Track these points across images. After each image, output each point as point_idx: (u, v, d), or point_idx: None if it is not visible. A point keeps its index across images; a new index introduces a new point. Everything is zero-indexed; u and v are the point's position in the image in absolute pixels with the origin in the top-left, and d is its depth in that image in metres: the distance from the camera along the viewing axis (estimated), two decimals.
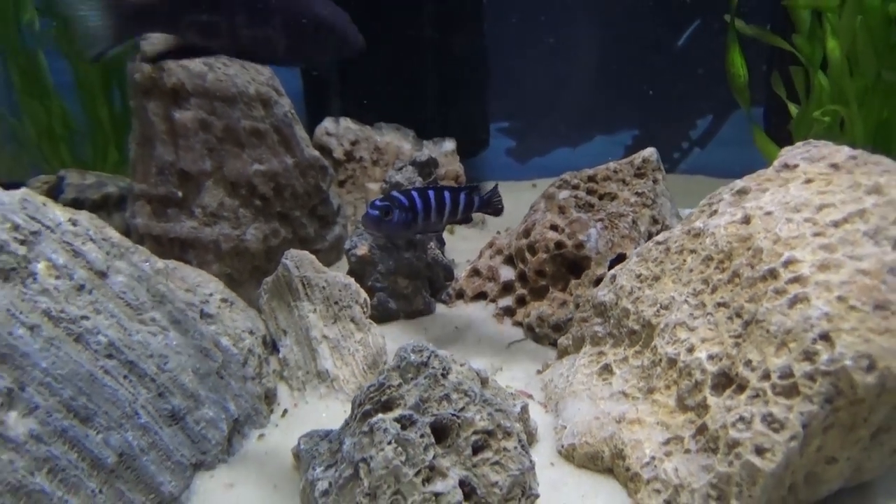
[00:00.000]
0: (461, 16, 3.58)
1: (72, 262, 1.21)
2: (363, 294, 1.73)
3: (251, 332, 1.58)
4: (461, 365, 1.23)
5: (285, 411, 1.55)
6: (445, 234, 2.60)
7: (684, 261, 1.46)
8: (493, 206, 1.78)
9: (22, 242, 1.15)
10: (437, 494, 1.09)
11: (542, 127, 4.61)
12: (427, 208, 1.57)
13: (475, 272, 2.20)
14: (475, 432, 1.13)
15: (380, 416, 1.14)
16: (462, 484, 1.11)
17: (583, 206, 2.07)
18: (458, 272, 2.27)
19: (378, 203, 1.52)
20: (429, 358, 1.18)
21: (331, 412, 1.53)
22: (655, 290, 1.49)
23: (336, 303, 1.68)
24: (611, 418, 1.38)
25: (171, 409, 1.26)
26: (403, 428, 1.12)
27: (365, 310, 1.71)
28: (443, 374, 1.18)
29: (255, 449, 1.41)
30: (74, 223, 1.27)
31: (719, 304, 1.32)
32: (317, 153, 2.31)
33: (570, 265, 1.99)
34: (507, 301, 2.07)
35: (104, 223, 1.36)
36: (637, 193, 2.10)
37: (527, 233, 2.10)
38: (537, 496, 1.14)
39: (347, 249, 2.06)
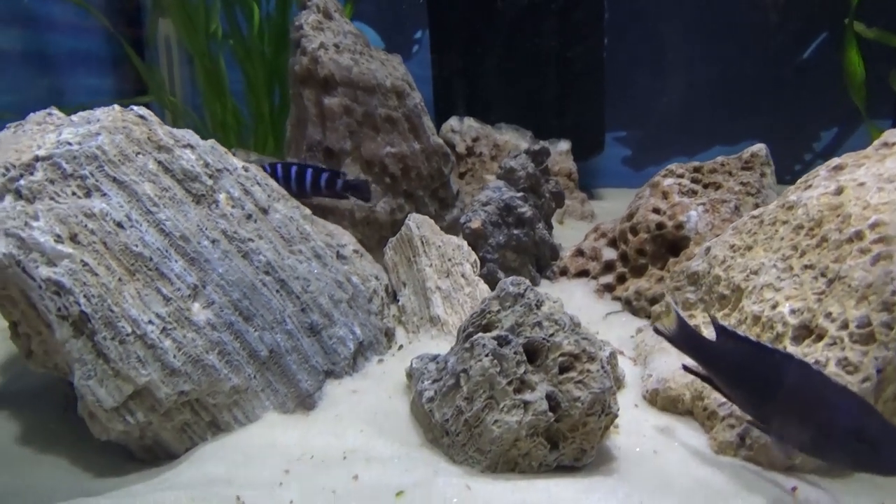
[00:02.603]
0: (583, 29, 3.76)
1: (244, 197, 1.52)
2: (473, 255, 1.94)
3: (376, 278, 1.83)
4: (554, 302, 1.40)
5: (401, 346, 1.78)
6: (555, 224, 2.77)
7: (776, 231, 1.55)
8: (360, 192, 2.13)
9: (210, 176, 1.47)
10: (525, 402, 1.26)
11: (659, 137, 4.65)
12: (287, 178, 2.01)
13: (579, 252, 2.35)
14: (562, 354, 1.30)
15: (479, 334, 1.34)
16: (548, 397, 1.27)
17: (686, 193, 2.16)
18: (563, 255, 2.43)
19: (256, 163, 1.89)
20: (525, 290, 1.36)
21: (439, 349, 1.73)
22: (747, 258, 1.58)
23: (449, 260, 1.90)
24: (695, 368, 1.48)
25: (311, 323, 1.53)
26: (499, 345, 1.30)
27: (474, 268, 1.91)
28: (536, 305, 1.35)
29: (374, 369, 1.65)
30: (246, 169, 1.59)
31: (806, 267, 1.40)
32: (441, 141, 2.57)
33: (670, 245, 2.09)
34: (608, 278, 2.20)
35: (267, 175, 1.67)
36: (742, 183, 2.17)
37: (630, 216, 2.22)
38: (616, 415, 1.28)
39: (462, 223, 2.28)
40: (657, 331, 1.41)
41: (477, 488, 1.20)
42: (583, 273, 2.28)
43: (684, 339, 1.34)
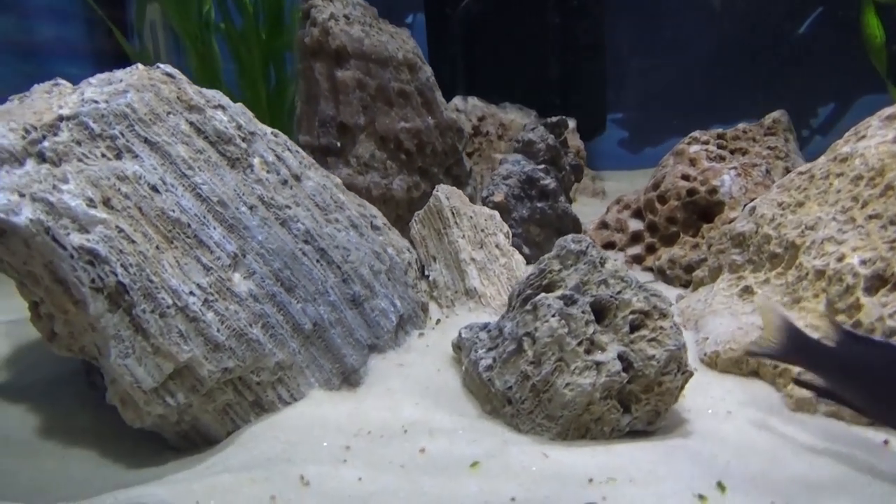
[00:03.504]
0: (583, 7, 3.71)
1: (277, 163, 1.43)
2: (506, 226, 1.87)
3: (409, 250, 1.75)
4: (615, 261, 1.33)
5: (438, 321, 1.70)
6: None
7: (831, 184, 1.50)
8: None
9: (243, 139, 1.37)
10: (598, 363, 1.19)
11: (656, 118, 4.63)
12: None
13: (603, 225, 2.29)
14: (632, 312, 1.23)
15: (542, 294, 1.26)
16: (620, 357, 1.20)
17: (714, 159, 2.12)
18: (586, 228, 2.37)
19: None
20: (587, 247, 1.30)
21: (479, 322, 1.66)
22: (799, 214, 1.53)
23: (482, 230, 1.82)
24: (755, 326, 1.43)
25: (353, 295, 1.44)
26: (566, 305, 1.23)
27: (508, 238, 1.84)
28: (600, 262, 1.29)
29: (416, 343, 1.57)
30: (276, 135, 1.49)
31: (871, 217, 1.35)
32: (454, 116, 2.49)
33: (702, 212, 2.04)
34: (636, 250, 2.15)
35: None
36: (770, 147, 2.13)
37: (656, 186, 2.17)
38: (692, 373, 1.22)
39: (485, 197, 2.21)
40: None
41: (554, 455, 1.13)
42: (609, 245, 2.23)
43: (798, 349, 1.12)
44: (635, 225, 2.20)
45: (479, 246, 1.80)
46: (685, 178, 2.06)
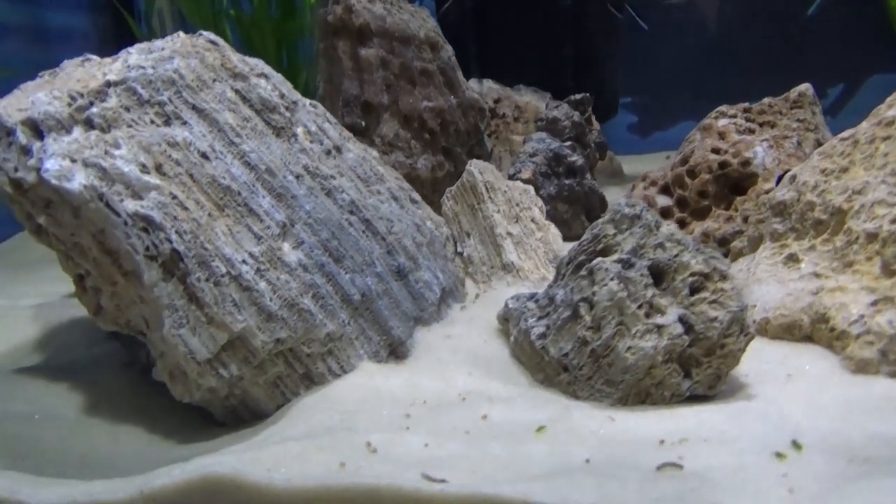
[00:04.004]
0: None
1: (320, 133, 1.40)
2: (539, 200, 1.85)
3: (445, 225, 1.72)
4: (668, 225, 1.32)
5: (477, 295, 1.68)
6: None
7: (877, 148, 1.48)
8: None
9: (286, 108, 1.34)
10: (659, 326, 1.17)
11: (665, 102, 4.61)
12: None
13: None
14: (691, 274, 1.21)
15: (599, 259, 1.25)
16: (680, 321, 1.19)
17: (743, 132, 2.10)
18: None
19: None
20: (641, 211, 1.28)
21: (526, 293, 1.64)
22: (844, 179, 1.52)
23: (517, 204, 1.80)
24: (806, 292, 1.42)
25: (398, 266, 1.42)
26: (624, 268, 1.21)
27: (542, 212, 1.82)
28: (655, 226, 1.27)
29: (459, 316, 1.55)
30: (315, 106, 1.46)
31: None
32: (476, 95, 2.47)
33: (733, 185, 2.02)
34: None
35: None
36: (799, 120, 2.11)
37: (684, 161, 2.15)
38: (753, 336, 1.20)
39: (511, 175, 2.19)
40: None
41: (620, 418, 1.11)
42: None
43: None
44: (663, 201, 2.18)
45: (514, 220, 1.78)
46: (715, 151, 2.05)
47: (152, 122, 1.14)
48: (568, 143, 2.20)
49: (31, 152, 1.08)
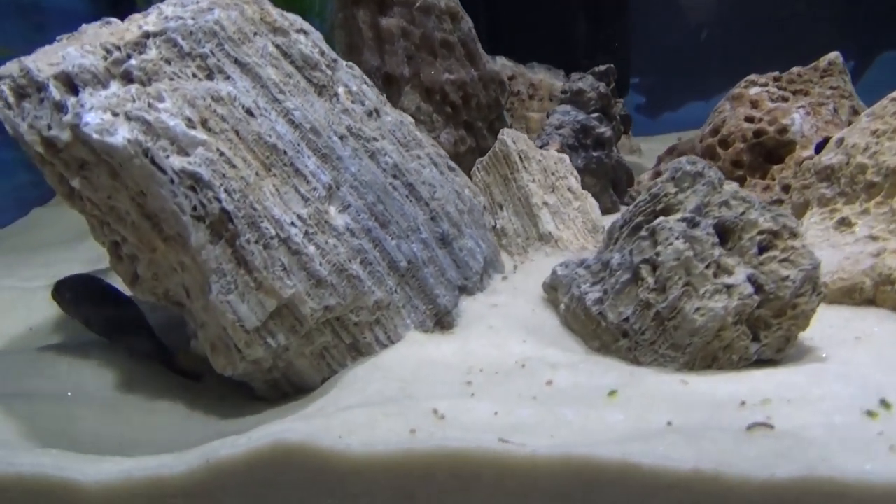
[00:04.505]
0: None
1: (360, 93, 1.33)
2: (574, 170, 1.79)
3: (481, 195, 1.67)
4: (731, 184, 1.26)
5: (515, 266, 1.63)
6: None
7: None
8: None
9: (327, 66, 1.28)
10: (728, 286, 1.12)
11: (673, 82, 4.56)
12: None
13: (658, 175, 2.22)
14: (760, 232, 1.16)
15: (661, 218, 1.19)
16: (749, 280, 1.14)
17: (777, 100, 2.06)
18: (640, 179, 2.30)
19: None
20: (704, 168, 1.22)
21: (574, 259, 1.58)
22: None
23: (553, 174, 1.75)
24: (866, 254, 1.37)
25: (442, 233, 1.36)
26: (689, 227, 1.16)
27: (578, 182, 1.77)
28: (719, 183, 1.22)
29: (502, 286, 1.49)
30: (351, 67, 1.40)
31: None
32: (497, 68, 2.41)
33: (769, 153, 1.98)
34: None
35: None
36: (832, 87, 2.07)
37: (715, 131, 2.11)
38: (825, 295, 1.15)
39: (539, 147, 2.13)
40: None
41: (693, 382, 1.06)
42: None
43: None
44: None
45: (550, 190, 1.73)
46: (749, 119, 2.00)
47: (194, 75, 1.07)
48: (595, 115, 2.14)
49: (66, 108, 1.01)
